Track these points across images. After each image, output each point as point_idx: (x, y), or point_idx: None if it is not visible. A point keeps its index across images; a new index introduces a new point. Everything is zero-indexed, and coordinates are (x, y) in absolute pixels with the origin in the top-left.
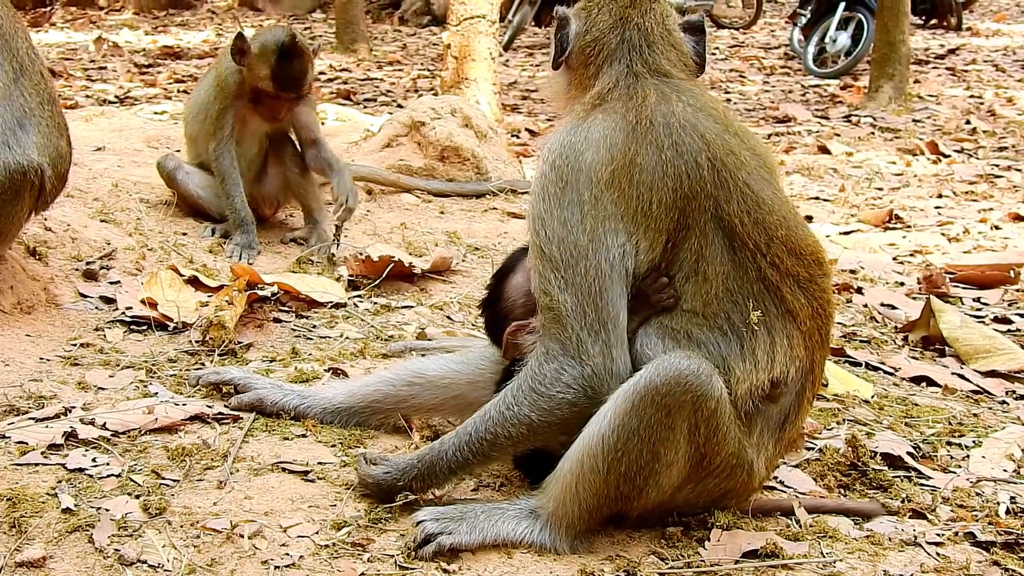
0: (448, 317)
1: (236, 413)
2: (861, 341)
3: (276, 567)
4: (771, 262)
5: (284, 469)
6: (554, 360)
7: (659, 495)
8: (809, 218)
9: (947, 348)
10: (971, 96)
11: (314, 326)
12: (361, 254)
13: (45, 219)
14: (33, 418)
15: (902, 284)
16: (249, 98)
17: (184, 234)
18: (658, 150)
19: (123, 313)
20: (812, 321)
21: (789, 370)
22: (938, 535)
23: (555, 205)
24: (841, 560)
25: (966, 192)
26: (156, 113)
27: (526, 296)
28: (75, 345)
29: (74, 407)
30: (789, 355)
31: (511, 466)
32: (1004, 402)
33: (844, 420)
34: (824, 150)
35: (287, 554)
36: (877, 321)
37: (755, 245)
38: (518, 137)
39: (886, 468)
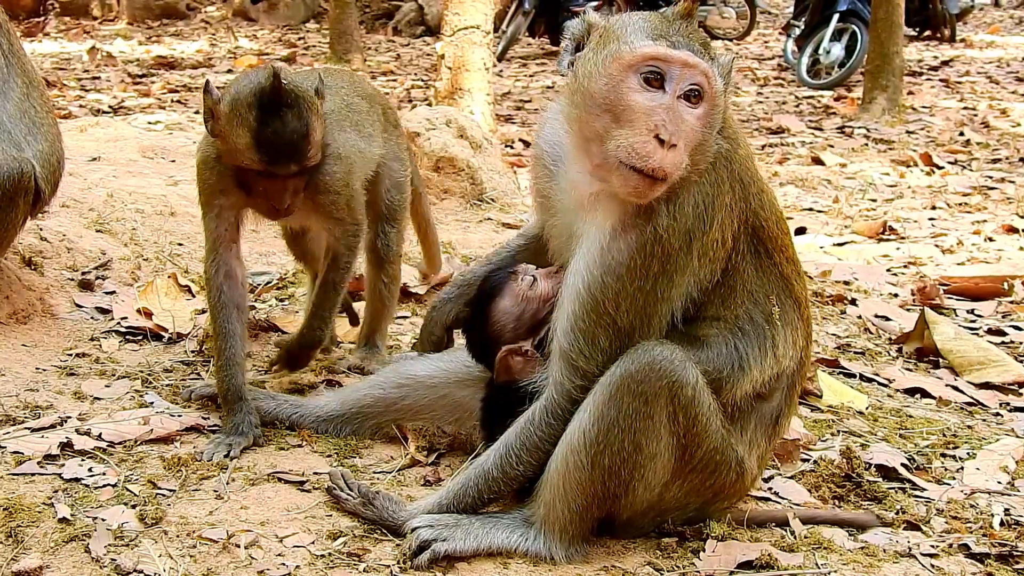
0: None
1: None
2: (855, 352)
3: None
4: (788, 257)
5: (280, 479)
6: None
7: (647, 492)
8: (803, 229)
9: (941, 360)
10: (965, 108)
11: None
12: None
13: (40, 229)
14: (29, 428)
15: (896, 296)
16: (234, 183)
17: (180, 244)
18: (732, 190)
19: (119, 323)
20: (807, 308)
21: (791, 363)
22: (932, 547)
23: (643, 282)
24: (836, 571)
25: (960, 204)
26: (150, 123)
27: (516, 321)
28: (71, 355)
29: (70, 417)
30: (796, 346)
31: None
32: (998, 414)
33: (839, 432)
34: (818, 161)
35: (283, 564)
36: (871, 333)
37: (778, 244)
38: (512, 147)
39: (880, 479)
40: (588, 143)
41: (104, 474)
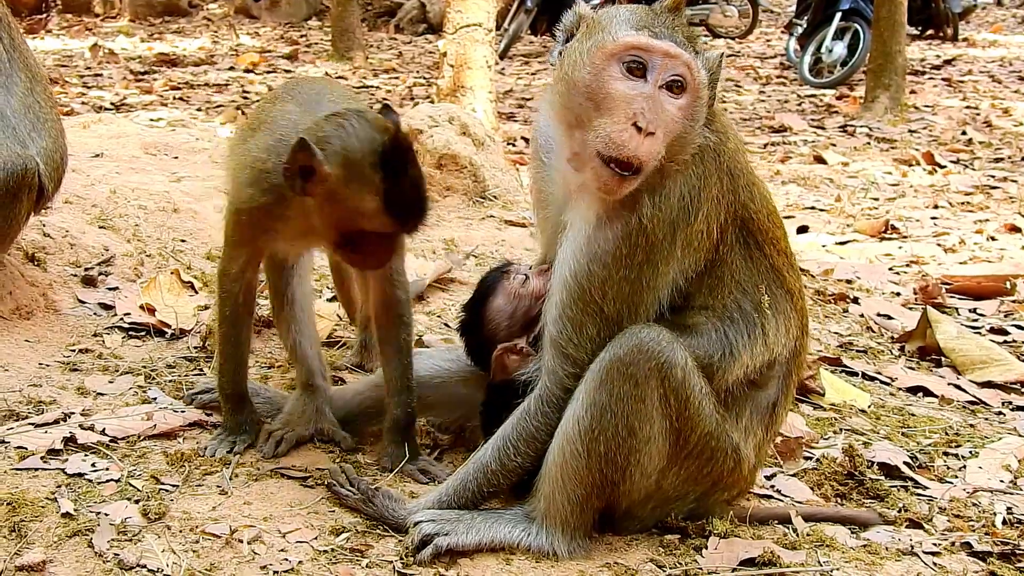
0: (445, 324)
1: None
2: (858, 351)
3: (275, 572)
4: (778, 249)
5: (283, 475)
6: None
7: (644, 478)
8: (805, 228)
9: (943, 359)
10: (967, 107)
11: None
12: None
13: (43, 225)
14: (33, 423)
15: (898, 294)
16: (337, 242)
17: (183, 240)
18: (719, 182)
19: (121, 319)
20: (801, 299)
21: (784, 351)
22: (935, 545)
23: (628, 270)
24: (838, 569)
25: (962, 203)
26: (152, 120)
27: (509, 319)
28: (74, 351)
29: (73, 412)
30: (788, 334)
31: None
32: (1000, 413)
33: (841, 430)
34: (820, 160)
35: (286, 559)
36: (873, 331)
37: (769, 237)
38: (514, 145)
39: (883, 478)
40: (571, 130)
41: (107, 469)
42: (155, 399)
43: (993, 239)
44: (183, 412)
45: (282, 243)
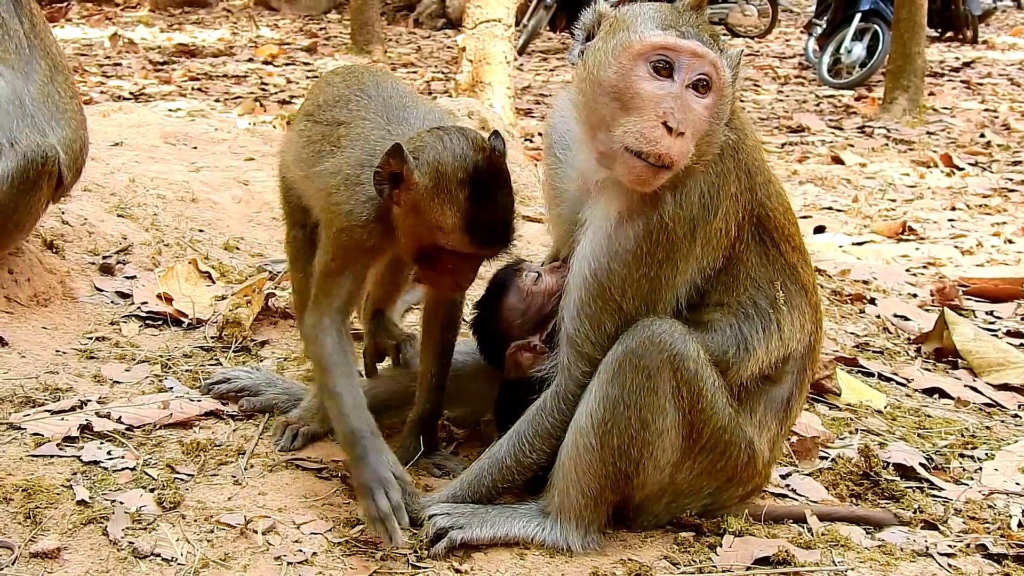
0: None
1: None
2: (874, 352)
3: (289, 563)
4: (793, 245)
5: (298, 466)
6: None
7: (657, 472)
8: (822, 228)
9: (960, 360)
10: (986, 109)
11: None
12: None
13: (62, 212)
14: (49, 410)
15: (915, 296)
16: (416, 256)
17: (201, 230)
18: (737, 180)
19: (139, 308)
20: (815, 294)
21: (799, 346)
22: (950, 546)
23: (648, 268)
24: (853, 569)
25: (980, 205)
26: (171, 110)
27: (522, 317)
28: (91, 338)
29: (90, 400)
30: (804, 329)
31: None
32: (1017, 415)
33: (857, 430)
34: (838, 160)
35: (300, 550)
36: (890, 332)
37: (784, 234)
38: (531, 141)
39: (898, 478)
40: (595, 130)
41: (123, 457)
42: (171, 388)
43: (1010, 242)
44: (199, 401)
45: (380, 260)
